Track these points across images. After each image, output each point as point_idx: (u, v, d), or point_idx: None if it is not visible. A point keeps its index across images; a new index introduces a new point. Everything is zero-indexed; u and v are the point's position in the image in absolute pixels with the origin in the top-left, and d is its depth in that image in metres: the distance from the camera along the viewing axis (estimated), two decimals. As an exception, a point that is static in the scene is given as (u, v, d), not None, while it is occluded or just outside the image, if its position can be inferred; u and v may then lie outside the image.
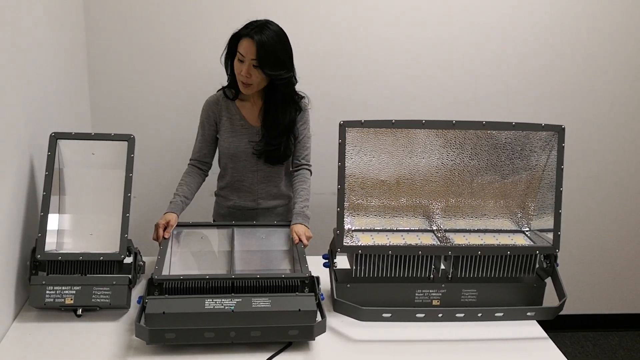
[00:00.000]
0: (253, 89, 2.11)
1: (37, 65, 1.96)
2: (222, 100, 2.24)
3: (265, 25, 2.06)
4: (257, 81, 2.08)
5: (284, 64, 2.08)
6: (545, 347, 1.72)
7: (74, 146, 1.90)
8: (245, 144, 2.21)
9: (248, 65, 2.04)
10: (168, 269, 1.91)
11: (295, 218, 2.13)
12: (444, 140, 1.85)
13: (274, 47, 2.04)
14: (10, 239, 1.73)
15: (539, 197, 1.92)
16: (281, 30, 2.10)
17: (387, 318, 1.74)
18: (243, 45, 2.04)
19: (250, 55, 2.03)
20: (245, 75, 2.06)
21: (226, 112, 2.23)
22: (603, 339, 3.33)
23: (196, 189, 2.27)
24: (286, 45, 2.10)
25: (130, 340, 1.64)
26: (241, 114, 2.22)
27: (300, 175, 2.28)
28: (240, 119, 2.21)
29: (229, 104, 2.23)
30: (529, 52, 2.87)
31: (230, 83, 2.22)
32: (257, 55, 2.02)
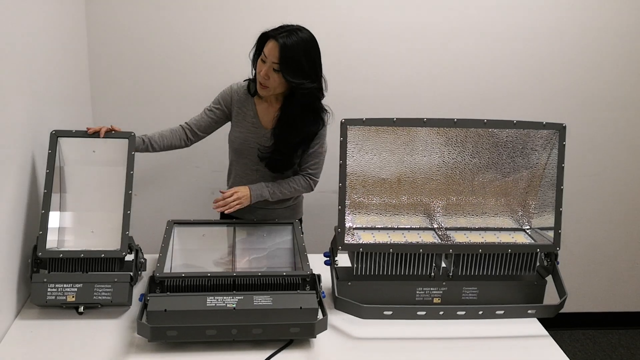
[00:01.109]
0: (269, 92, 2.06)
1: (38, 64, 1.96)
2: (243, 92, 2.20)
3: (295, 31, 1.99)
4: (274, 85, 2.03)
5: (306, 73, 2.01)
6: (545, 345, 1.73)
7: (75, 144, 1.90)
8: (251, 142, 2.19)
9: (268, 67, 1.99)
10: (170, 266, 1.91)
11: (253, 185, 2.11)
12: (445, 138, 1.85)
13: (297, 54, 1.97)
14: (11, 236, 1.73)
15: (540, 196, 1.92)
16: (311, 40, 2.02)
17: (388, 316, 1.75)
18: (268, 47, 1.99)
19: (272, 57, 1.98)
20: (264, 77, 2.02)
21: (241, 104, 2.19)
22: (603, 337, 3.34)
23: (167, 145, 2.19)
24: (312, 54, 2.02)
25: (131, 338, 1.65)
26: (256, 111, 2.19)
27: (296, 177, 2.21)
28: (253, 116, 2.19)
29: (248, 98, 2.20)
30: (530, 51, 2.87)
31: (254, 78, 2.16)
32: (279, 59, 1.97)
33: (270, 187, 2.14)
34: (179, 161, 2.76)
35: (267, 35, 2.02)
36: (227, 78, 2.29)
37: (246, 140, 2.19)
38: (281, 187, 2.16)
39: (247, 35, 2.33)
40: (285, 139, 2.11)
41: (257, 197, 2.11)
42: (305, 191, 2.23)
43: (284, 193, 2.17)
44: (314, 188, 2.24)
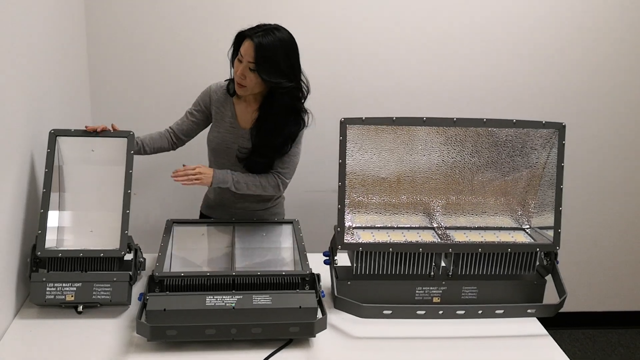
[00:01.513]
0: (247, 92, 2.04)
1: (37, 63, 1.96)
2: (222, 91, 2.18)
3: (272, 30, 1.97)
4: (251, 85, 2.00)
5: (283, 73, 1.98)
6: (545, 344, 1.73)
7: (74, 143, 1.90)
8: (229, 143, 2.14)
9: (244, 67, 1.97)
10: (169, 265, 1.91)
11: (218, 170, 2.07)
12: (445, 137, 1.85)
13: (273, 54, 1.95)
14: (10, 236, 1.73)
15: (540, 195, 1.92)
16: (289, 39, 2.00)
17: (387, 315, 1.75)
18: (244, 46, 1.98)
19: (247, 57, 1.96)
20: (240, 76, 1.99)
21: (220, 104, 2.17)
22: (602, 337, 3.34)
23: (157, 147, 2.18)
24: (290, 54, 2.00)
25: (131, 337, 1.64)
26: (234, 111, 2.16)
27: (266, 174, 2.14)
28: (231, 117, 2.15)
29: (227, 98, 2.17)
30: (529, 50, 2.87)
31: (233, 81, 2.16)
32: (254, 58, 1.94)
33: (235, 176, 2.08)
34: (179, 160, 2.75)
35: (244, 34, 2.00)
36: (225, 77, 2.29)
37: (224, 140, 2.15)
38: (247, 179, 2.09)
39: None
40: (265, 140, 2.08)
41: (219, 181, 2.04)
42: (273, 190, 2.14)
43: (249, 186, 2.09)
44: (282, 189, 2.16)
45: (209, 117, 2.21)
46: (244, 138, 2.13)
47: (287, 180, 2.15)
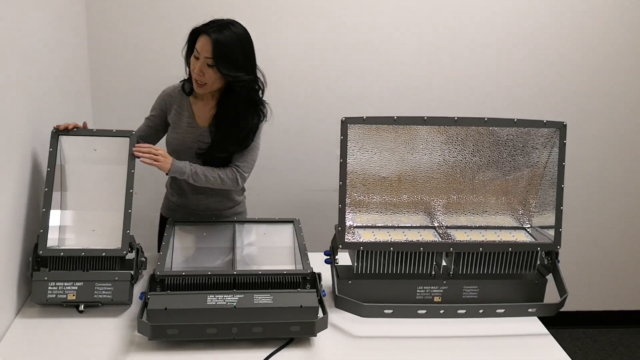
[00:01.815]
0: (207, 89, 2.01)
1: (39, 62, 1.96)
2: (178, 93, 2.15)
3: (227, 25, 1.96)
4: (210, 81, 1.98)
5: (240, 66, 1.97)
6: (546, 344, 1.73)
7: (76, 142, 1.90)
8: (188, 143, 2.10)
9: (202, 64, 1.95)
10: (170, 265, 1.91)
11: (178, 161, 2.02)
12: (446, 136, 1.85)
13: (230, 48, 1.94)
14: (12, 235, 1.73)
15: (540, 194, 1.92)
16: (244, 33, 1.99)
17: (388, 314, 1.75)
18: (200, 43, 1.95)
19: (205, 53, 1.93)
20: (198, 73, 1.97)
21: (177, 105, 2.13)
22: (603, 336, 3.34)
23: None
24: (246, 48, 2.00)
25: (132, 336, 1.65)
26: (192, 111, 2.12)
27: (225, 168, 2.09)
28: (188, 116, 2.12)
29: (183, 99, 2.14)
30: (530, 49, 2.87)
31: (189, 77, 2.10)
32: (213, 54, 1.92)
33: (193, 167, 2.04)
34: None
35: (199, 31, 1.98)
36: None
37: (183, 141, 2.11)
38: (205, 170, 2.05)
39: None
40: (225, 135, 2.06)
41: (176, 170, 1.99)
42: (231, 184, 2.09)
43: (207, 178, 2.04)
44: (240, 184, 2.11)
45: (167, 121, 2.17)
46: (203, 136, 2.10)
47: (245, 175, 2.12)
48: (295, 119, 2.87)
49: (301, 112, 2.86)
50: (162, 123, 2.18)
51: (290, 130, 2.88)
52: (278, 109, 2.83)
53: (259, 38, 2.74)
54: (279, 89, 2.82)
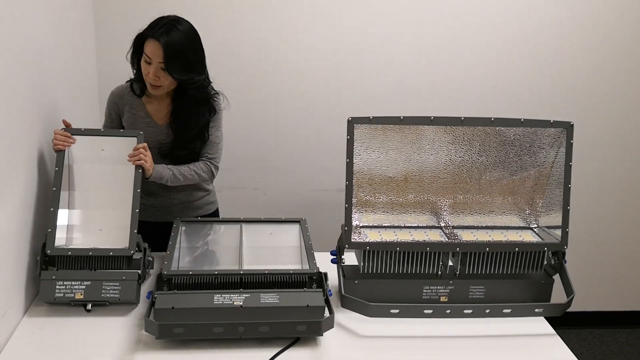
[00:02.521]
0: (163, 90, 2.00)
1: (47, 62, 1.97)
2: (128, 94, 2.11)
3: (173, 25, 1.93)
4: (167, 83, 1.97)
5: (193, 67, 1.97)
6: (553, 344, 1.72)
7: (84, 142, 1.91)
8: (149, 142, 2.03)
9: (155, 68, 1.93)
10: (177, 264, 1.92)
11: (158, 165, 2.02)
12: (452, 136, 1.85)
13: (182, 50, 1.92)
14: (20, 234, 1.74)
15: (547, 194, 1.91)
16: (191, 30, 1.98)
17: (394, 314, 1.75)
18: (149, 47, 1.92)
19: (156, 57, 1.91)
20: (153, 78, 1.95)
21: (130, 107, 2.11)
22: (610, 336, 3.33)
23: None
24: (196, 46, 1.99)
25: (139, 335, 1.65)
26: (146, 110, 2.11)
27: (196, 162, 2.12)
28: (145, 116, 2.10)
29: (134, 99, 2.11)
30: (537, 49, 2.86)
31: (137, 78, 2.07)
32: (165, 59, 1.90)
33: (170, 169, 2.04)
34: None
35: (145, 35, 1.94)
36: (232, 77, 2.29)
37: (146, 139, 2.05)
38: (181, 170, 2.06)
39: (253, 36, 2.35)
40: (183, 132, 2.07)
41: (156, 175, 1.99)
42: (207, 177, 2.13)
43: (185, 177, 2.07)
44: (215, 174, 2.15)
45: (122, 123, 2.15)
46: (163, 134, 2.10)
47: (218, 165, 2.16)
48: (301, 119, 2.87)
49: (308, 112, 2.87)
50: (120, 127, 2.15)
51: (296, 130, 2.89)
52: (285, 109, 2.85)
53: (265, 38, 2.76)
54: (285, 89, 2.83)
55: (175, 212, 2.24)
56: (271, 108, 2.85)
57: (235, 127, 2.74)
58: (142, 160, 1.90)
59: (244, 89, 2.79)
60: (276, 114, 2.87)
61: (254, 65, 2.77)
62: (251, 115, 2.85)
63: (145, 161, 1.92)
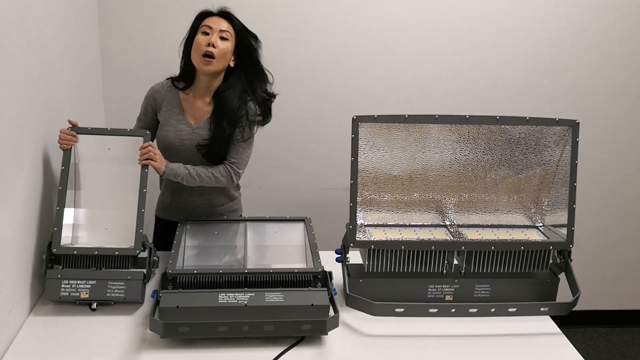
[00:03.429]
0: (216, 65, 2.01)
1: (52, 61, 1.98)
2: (167, 90, 2.15)
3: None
4: (221, 53, 2.00)
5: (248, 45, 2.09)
6: (558, 343, 1.72)
7: (90, 141, 1.91)
8: (178, 140, 2.09)
9: (214, 37, 2.00)
10: (182, 263, 1.92)
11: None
12: (458, 135, 1.85)
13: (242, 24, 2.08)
14: (26, 233, 1.74)
15: (553, 193, 1.91)
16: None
17: (399, 313, 1.74)
18: (211, 20, 2.03)
19: (220, 26, 2.02)
20: (210, 44, 1.98)
21: (167, 103, 2.13)
22: (616, 335, 3.31)
23: None
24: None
25: (144, 334, 1.66)
26: (182, 107, 2.12)
27: (216, 165, 2.09)
28: (179, 113, 2.11)
29: (173, 96, 2.13)
30: (543, 46, 2.85)
31: (182, 74, 2.14)
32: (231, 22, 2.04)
33: (186, 168, 2.03)
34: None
35: (205, 14, 2.08)
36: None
37: (174, 138, 2.10)
38: (198, 171, 2.05)
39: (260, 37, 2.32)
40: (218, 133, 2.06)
41: (170, 172, 1.98)
42: (225, 181, 2.08)
43: (202, 178, 2.04)
44: (235, 180, 2.10)
45: (157, 120, 2.16)
46: (195, 134, 2.09)
47: (239, 171, 2.11)
48: (306, 118, 2.87)
49: (312, 111, 2.86)
50: (152, 121, 2.17)
51: (301, 129, 2.88)
52: (289, 108, 2.85)
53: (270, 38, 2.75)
54: (289, 88, 2.82)
55: (197, 215, 2.22)
56: (276, 107, 2.84)
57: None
58: (150, 160, 1.90)
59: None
60: (280, 113, 2.85)
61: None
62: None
63: (154, 159, 1.91)
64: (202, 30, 2.03)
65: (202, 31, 2.03)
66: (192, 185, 2.06)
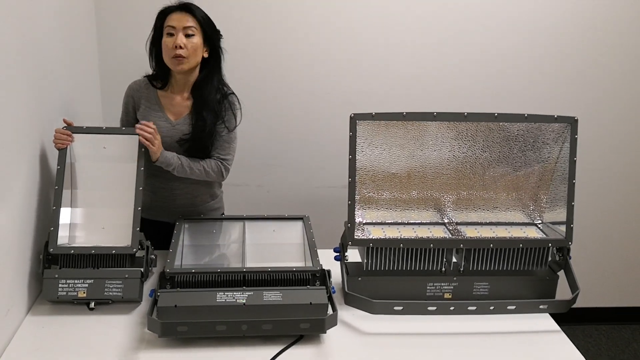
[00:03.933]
0: (189, 63, 2.01)
1: (49, 61, 1.97)
2: (145, 87, 2.14)
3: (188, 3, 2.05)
4: (191, 51, 1.99)
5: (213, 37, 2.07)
6: (558, 340, 1.71)
7: (86, 140, 1.91)
8: (161, 138, 2.02)
9: (180, 37, 1.97)
10: (180, 262, 1.91)
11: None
12: (456, 132, 1.84)
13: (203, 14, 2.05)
14: (22, 233, 1.74)
15: (552, 190, 1.90)
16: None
17: (398, 311, 1.74)
18: (172, 18, 2.00)
19: (184, 23, 1.99)
20: (178, 46, 1.97)
21: (146, 100, 2.12)
22: (616, 332, 3.31)
23: None
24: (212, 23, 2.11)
25: (142, 334, 1.65)
26: (161, 105, 2.11)
27: (207, 159, 2.09)
28: (159, 110, 2.10)
29: (151, 94, 2.13)
30: (541, 43, 2.84)
31: (157, 74, 2.13)
32: (195, 17, 2.01)
33: (179, 158, 2.03)
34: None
35: (165, 11, 2.04)
36: (235, 75, 2.28)
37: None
38: (190, 162, 2.05)
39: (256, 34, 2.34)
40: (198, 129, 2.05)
41: (164, 160, 1.98)
42: (215, 176, 2.10)
43: (193, 170, 2.04)
44: (225, 175, 2.12)
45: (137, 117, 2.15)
46: (175, 130, 2.08)
47: (229, 166, 2.12)
48: (304, 116, 2.86)
49: (310, 109, 2.86)
50: (136, 121, 2.12)
51: (299, 127, 2.88)
52: (287, 106, 2.85)
53: (267, 36, 2.75)
54: (287, 86, 2.82)
55: (176, 214, 2.19)
56: (274, 105, 2.84)
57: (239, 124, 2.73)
58: (149, 142, 1.89)
59: (247, 87, 2.78)
60: (279, 111, 2.86)
61: (257, 64, 2.77)
62: (254, 112, 2.83)
63: (153, 144, 1.91)
64: (167, 32, 2.02)
65: (166, 32, 2.02)
66: (182, 175, 2.06)
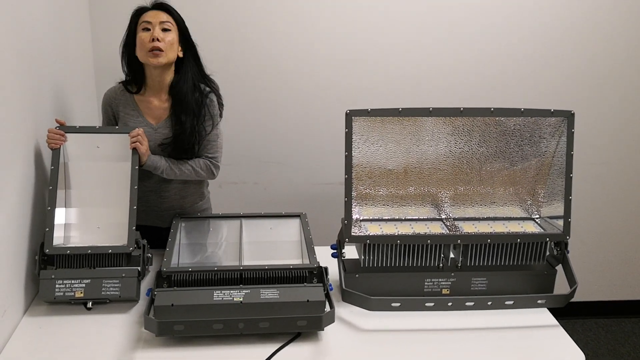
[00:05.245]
0: (167, 56, 1.98)
1: (44, 59, 1.96)
2: (121, 94, 2.10)
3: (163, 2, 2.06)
4: (168, 45, 1.97)
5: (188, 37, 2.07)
6: (556, 335, 1.71)
7: (79, 140, 1.90)
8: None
9: (157, 31, 1.96)
10: (177, 261, 1.91)
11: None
12: (452, 127, 1.84)
13: (178, 15, 2.05)
14: (18, 234, 1.73)
15: (549, 184, 1.90)
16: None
17: (396, 307, 1.74)
18: (149, 15, 1.99)
19: (159, 18, 1.98)
20: (154, 40, 1.95)
21: (124, 106, 2.09)
22: (615, 326, 3.31)
23: None
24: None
25: (139, 333, 1.65)
26: (139, 109, 2.08)
27: (196, 159, 2.09)
28: (137, 116, 2.08)
29: (127, 99, 2.09)
30: (537, 38, 2.83)
31: (131, 76, 2.11)
32: (171, 13, 2.01)
33: (167, 161, 2.03)
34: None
35: (140, 10, 2.03)
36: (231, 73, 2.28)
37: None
38: (178, 164, 2.05)
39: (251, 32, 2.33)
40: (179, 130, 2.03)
41: (152, 164, 1.98)
42: (205, 175, 2.09)
43: (182, 171, 2.04)
44: (215, 173, 2.11)
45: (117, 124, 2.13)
46: (158, 134, 2.06)
47: (219, 164, 2.12)
48: (300, 113, 2.86)
49: (306, 106, 2.85)
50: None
51: (296, 124, 2.87)
52: (284, 104, 2.84)
53: (263, 34, 2.74)
54: (284, 83, 2.82)
55: (165, 218, 2.19)
56: (270, 103, 2.84)
57: (235, 122, 2.73)
58: (138, 143, 1.90)
59: (243, 84, 2.78)
60: (275, 108, 2.85)
61: (253, 61, 2.76)
62: (251, 110, 2.83)
63: (142, 144, 1.91)
64: (142, 27, 1.99)
65: (142, 28, 1.99)
66: (171, 177, 2.06)
